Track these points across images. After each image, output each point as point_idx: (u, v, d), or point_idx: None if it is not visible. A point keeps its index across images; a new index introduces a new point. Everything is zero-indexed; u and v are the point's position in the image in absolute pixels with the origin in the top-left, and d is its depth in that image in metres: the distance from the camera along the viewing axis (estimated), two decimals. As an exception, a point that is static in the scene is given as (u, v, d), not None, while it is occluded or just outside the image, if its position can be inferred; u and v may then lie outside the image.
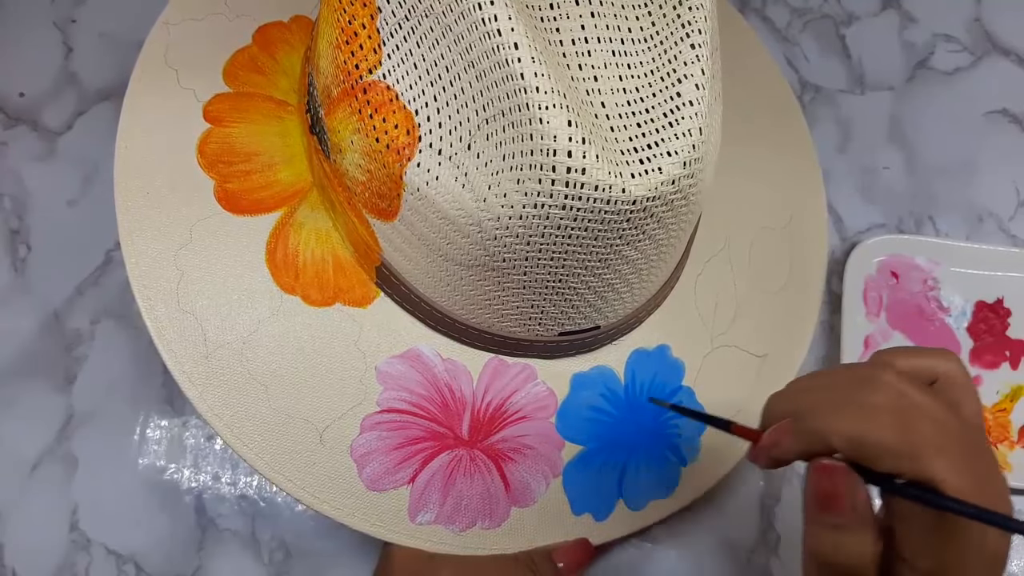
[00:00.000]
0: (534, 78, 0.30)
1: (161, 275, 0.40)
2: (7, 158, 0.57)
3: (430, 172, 0.33)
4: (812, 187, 0.51)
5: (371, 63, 0.34)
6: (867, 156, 0.60)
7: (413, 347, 0.41)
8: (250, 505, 0.51)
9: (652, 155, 0.32)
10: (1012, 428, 0.53)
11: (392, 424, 0.40)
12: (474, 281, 0.37)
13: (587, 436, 0.43)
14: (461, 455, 0.41)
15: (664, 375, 0.45)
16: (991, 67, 0.62)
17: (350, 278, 0.41)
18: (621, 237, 0.34)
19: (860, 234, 0.58)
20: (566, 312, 0.39)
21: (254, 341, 0.40)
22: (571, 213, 0.32)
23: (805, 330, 0.49)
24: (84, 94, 0.58)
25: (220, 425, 0.39)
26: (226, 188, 0.41)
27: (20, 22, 0.60)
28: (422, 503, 0.40)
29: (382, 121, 0.34)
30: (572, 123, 0.30)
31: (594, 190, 0.31)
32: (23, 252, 0.55)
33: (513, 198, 0.32)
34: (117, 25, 0.60)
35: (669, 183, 0.32)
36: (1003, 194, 0.59)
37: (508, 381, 0.42)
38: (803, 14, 0.62)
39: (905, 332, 0.55)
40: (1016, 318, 0.55)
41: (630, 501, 0.44)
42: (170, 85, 0.43)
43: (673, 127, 0.32)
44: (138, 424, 0.52)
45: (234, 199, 0.41)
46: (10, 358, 0.53)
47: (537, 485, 0.42)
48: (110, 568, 0.50)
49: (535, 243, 0.34)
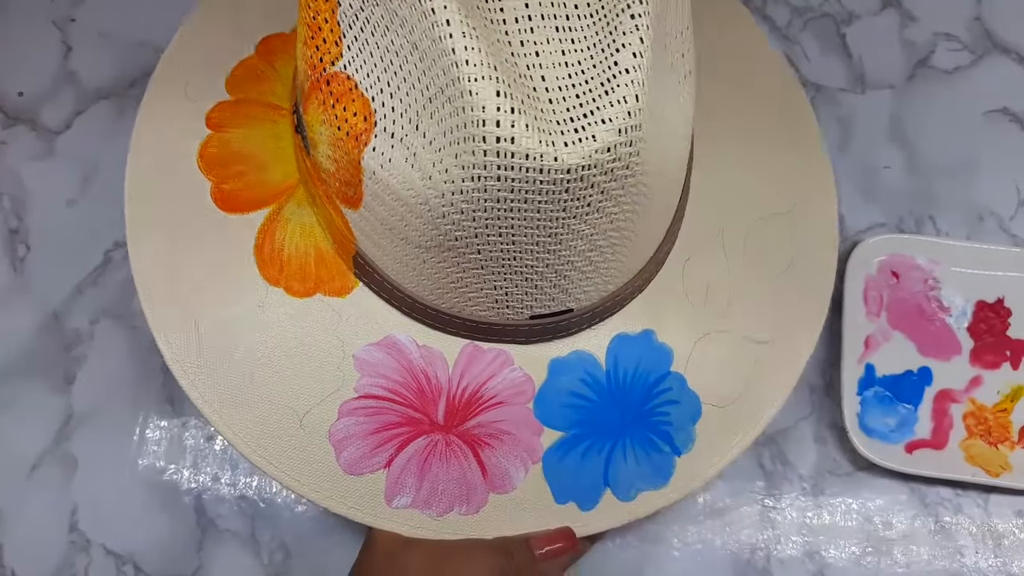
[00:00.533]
0: (464, 52, 0.31)
1: (161, 272, 0.42)
2: (6, 157, 0.57)
3: (384, 155, 0.34)
4: (818, 171, 0.50)
5: (333, 55, 0.35)
6: (867, 155, 0.60)
7: (390, 335, 0.42)
8: (250, 506, 0.51)
9: (587, 124, 0.32)
10: (1012, 428, 0.53)
11: (369, 410, 0.41)
12: (435, 263, 0.38)
13: (568, 422, 0.43)
14: (437, 440, 0.42)
15: (649, 361, 0.44)
16: (991, 66, 0.62)
17: (330, 269, 0.43)
18: (565, 210, 0.34)
19: (860, 233, 0.58)
20: (532, 294, 0.39)
21: (241, 332, 0.41)
22: (508, 184, 0.32)
23: (813, 315, 0.47)
24: (83, 93, 0.58)
25: (209, 411, 0.41)
26: (222, 189, 0.43)
27: (19, 21, 0.60)
28: (398, 487, 0.41)
29: (343, 110, 0.35)
30: (500, 93, 0.31)
31: (525, 159, 0.31)
32: (22, 252, 0.55)
33: (453, 173, 0.33)
34: (116, 24, 0.60)
35: (604, 151, 0.32)
36: (1004, 193, 0.59)
37: (484, 367, 0.43)
38: (803, 13, 0.62)
39: (905, 332, 0.55)
40: (1016, 318, 0.55)
41: (619, 491, 0.43)
42: (179, 95, 0.45)
43: (608, 95, 0.32)
44: (137, 424, 0.52)
45: (228, 198, 0.43)
46: (9, 358, 0.53)
47: (515, 471, 0.42)
48: (110, 568, 0.50)
49: (480, 218, 0.34)
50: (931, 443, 0.53)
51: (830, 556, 0.52)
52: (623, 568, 0.51)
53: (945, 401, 0.54)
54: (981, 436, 0.53)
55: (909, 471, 0.52)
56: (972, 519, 0.52)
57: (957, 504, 0.53)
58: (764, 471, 0.53)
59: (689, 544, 0.52)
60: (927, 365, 0.54)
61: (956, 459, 0.52)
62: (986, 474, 0.52)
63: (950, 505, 0.53)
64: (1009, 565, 0.52)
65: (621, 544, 0.51)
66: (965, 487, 0.53)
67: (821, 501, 0.53)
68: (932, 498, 0.53)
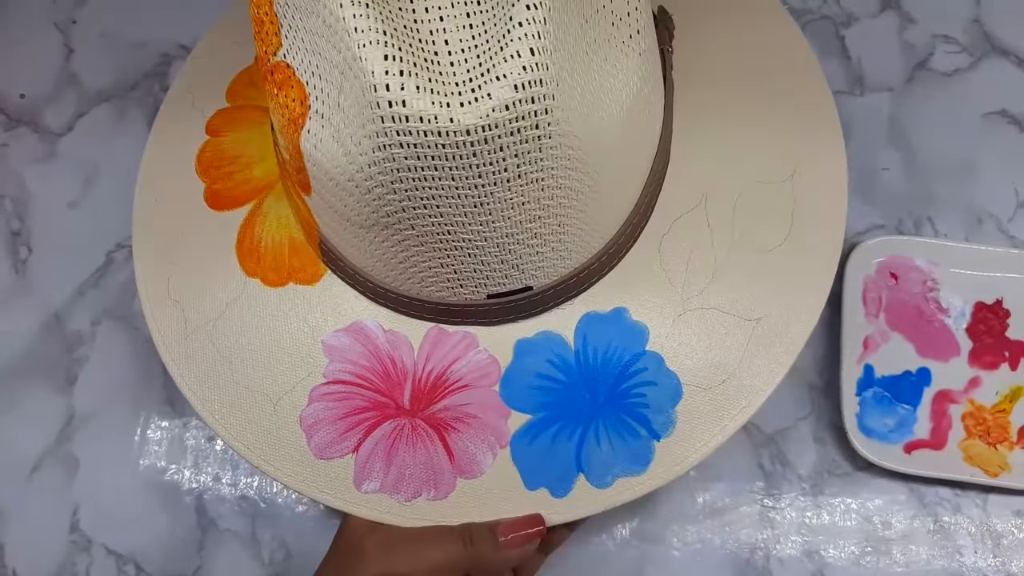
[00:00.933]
0: (352, 19, 0.31)
1: (158, 269, 0.44)
2: (8, 159, 0.57)
3: (316, 136, 0.35)
4: (826, 131, 0.47)
5: (275, 46, 0.36)
6: (866, 157, 0.60)
7: (356, 320, 0.43)
8: (250, 506, 0.51)
9: (483, 83, 0.32)
10: (1011, 428, 0.53)
11: (337, 395, 0.42)
12: (379, 243, 0.38)
13: (535, 405, 0.42)
14: (403, 424, 0.42)
15: (622, 340, 0.43)
16: (990, 68, 0.62)
17: (303, 258, 0.44)
18: (480, 175, 0.33)
19: (859, 235, 0.58)
20: (481, 271, 0.39)
21: (222, 322, 0.43)
22: (412, 152, 0.32)
23: (817, 287, 0.44)
24: (85, 95, 0.59)
25: (194, 399, 0.42)
26: (213, 189, 0.46)
27: (21, 23, 0.60)
28: (367, 472, 0.41)
29: (284, 97, 0.36)
30: (389, 56, 0.31)
31: (420, 122, 0.31)
32: (24, 254, 0.55)
33: (364, 145, 0.33)
34: (118, 27, 0.60)
35: (502, 108, 0.31)
36: (1002, 195, 0.59)
37: (449, 350, 0.42)
38: (802, 15, 0.62)
39: (904, 333, 0.55)
40: (1015, 319, 0.55)
41: (593, 477, 0.42)
42: (186, 106, 0.48)
43: (503, 50, 0.32)
44: (139, 425, 0.52)
45: (217, 197, 0.45)
46: (11, 359, 0.53)
47: (483, 456, 0.42)
48: (110, 568, 0.50)
49: (400, 190, 0.34)
50: (930, 443, 0.53)
51: (829, 556, 0.52)
52: (623, 568, 0.51)
53: (944, 402, 0.54)
54: (980, 436, 0.53)
55: (908, 471, 0.52)
56: (971, 519, 0.53)
57: (956, 504, 0.53)
58: (763, 471, 0.53)
59: (689, 544, 0.52)
60: (926, 366, 0.54)
61: (955, 459, 0.52)
62: (985, 474, 0.52)
63: (949, 505, 0.53)
64: (1008, 565, 0.52)
65: (621, 544, 0.51)
66: (964, 487, 0.53)
67: (820, 501, 0.53)
68: (931, 498, 0.53)
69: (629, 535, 0.52)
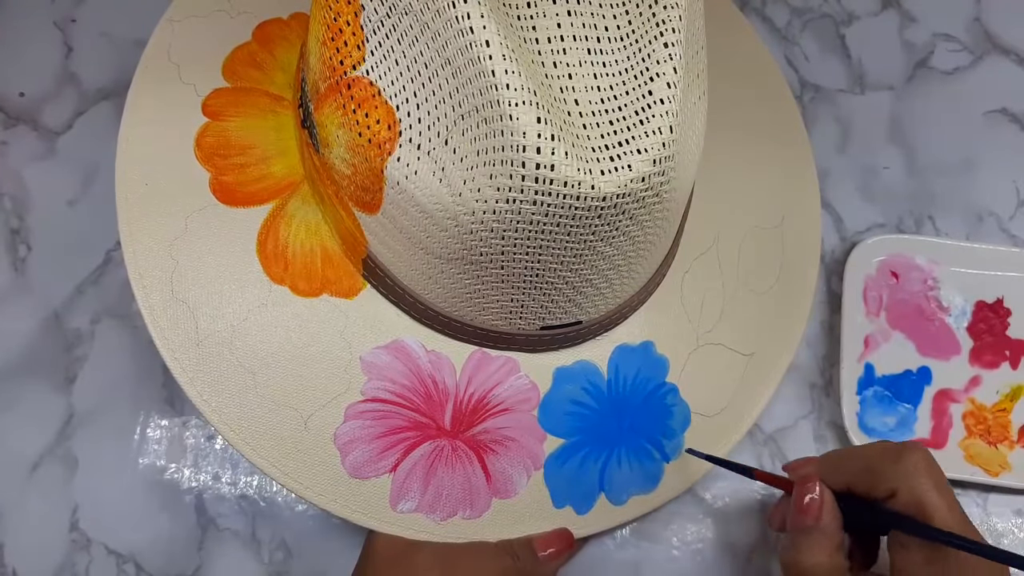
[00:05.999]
0: (505, 75, 0.30)
1: (157, 264, 0.41)
2: (7, 158, 0.57)
3: (409, 167, 0.34)
4: (806, 186, 0.51)
5: (355, 59, 0.35)
6: (867, 156, 0.60)
7: (398, 338, 0.42)
8: (250, 505, 0.51)
9: (622, 152, 0.32)
10: (1012, 428, 0.53)
11: (375, 413, 0.41)
12: (454, 274, 0.38)
13: (569, 430, 0.43)
14: (443, 445, 0.42)
15: (648, 371, 0.45)
16: (991, 67, 0.62)
17: (338, 270, 0.42)
18: (595, 234, 0.34)
19: (860, 234, 0.58)
20: (546, 307, 0.40)
21: (243, 329, 0.41)
22: (543, 209, 0.32)
23: (793, 332, 0.49)
24: (84, 94, 0.58)
25: (208, 411, 0.40)
26: (221, 180, 0.42)
27: (20, 22, 0.60)
28: (404, 492, 0.41)
29: (365, 116, 0.35)
30: (541, 120, 0.31)
31: (563, 186, 0.31)
32: (23, 252, 0.55)
33: (487, 193, 0.32)
34: (117, 25, 0.60)
35: (639, 180, 0.32)
36: (1003, 194, 0.59)
37: (491, 374, 0.43)
38: (803, 14, 0.62)
39: (905, 332, 0.55)
40: (1016, 318, 0.55)
41: (611, 495, 0.44)
42: (172, 80, 0.44)
43: (644, 125, 0.32)
44: (138, 424, 0.52)
45: (229, 191, 0.42)
46: (10, 358, 0.53)
47: (519, 477, 0.43)
48: (110, 568, 0.50)
49: (510, 238, 0.34)
50: (930, 442, 0.53)
51: (830, 555, 0.52)
52: (623, 567, 0.51)
53: (944, 401, 0.54)
54: (980, 436, 0.53)
55: (909, 470, 0.52)
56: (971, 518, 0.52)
57: (956, 503, 0.53)
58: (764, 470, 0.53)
59: (689, 543, 0.52)
60: (926, 365, 0.54)
61: (955, 458, 0.52)
62: (985, 473, 0.52)
63: (949, 504, 0.53)
64: (1008, 564, 0.52)
65: (621, 543, 0.51)
66: (964, 486, 0.53)
67: (821, 500, 0.53)
68: (932, 497, 0.53)
69: (629, 535, 0.51)
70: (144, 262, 0.41)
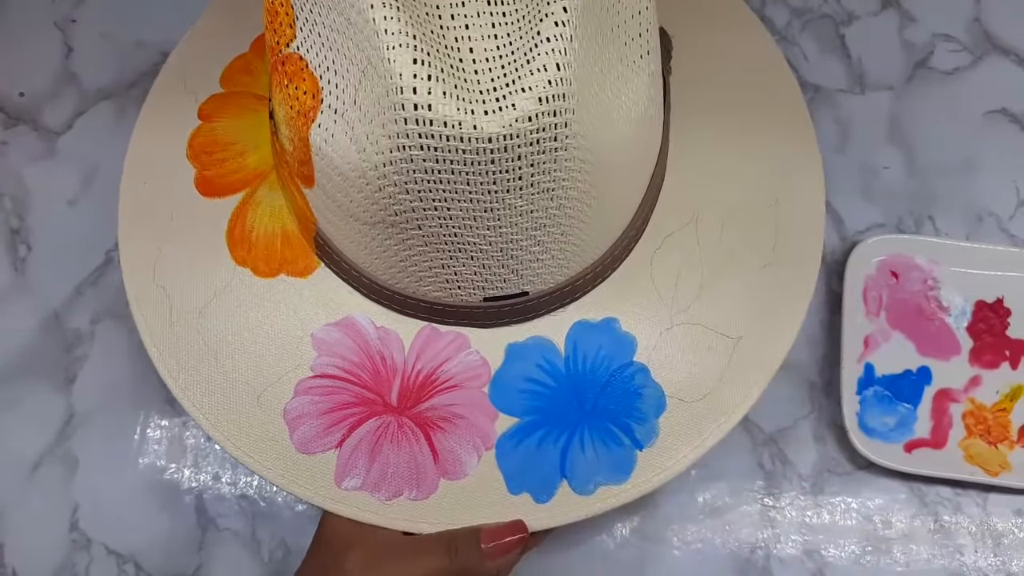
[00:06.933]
0: (383, 21, 0.31)
1: (144, 252, 0.44)
2: (7, 158, 0.57)
3: (328, 131, 0.35)
4: (807, 168, 0.49)
5: (288, 37, 0.36)
6: (867, 156, 0.60)
7: (348, 315, 0.43)
8: (250, 505, 0.51)
9: (507, 93, 0.32)
10: (1012, 428, 0.53)
11: (324, 389, 0.42)
12: (382, 240, 0.38)
13: (523, 408, 0.42)
14: (389, 421, 0.42)
15: (611, 349, 0.43)
16: (991, 67, 0.62)
17: (295, 250, 0.43)
18: (495, 182, 0.34)
19: (860, 234, 0.58)
20: (481, 274, 0.39)
21: (209, 311, 0.43)
22: (432, 154, 0.33)
23: (791, 314, 0.45)
24: (84, 94, 0.59)
25: (174, 386, 0.42)
26: (204, 175, 0.45)
27: (20, 22, 0.60)
28: (348, 468, 0.41)
29: (295, 89, 0.36)
30: (417, 60, 0.31)
31: (444, 127, 0.32)
32: (23, 252, 0.55)
33: (382, 144, 0.33)
34: (117, 25, 0.60)
35: (525, 119, 0.32)
36: (1003, 194, 0.59)
37: (440, 349, 0.42)
38: (802, 14, 0.62)
39: (905, 332, 0.55)
40: (1016, 318, 0.55)
41: (576, 483, 0.42)
42: (179, 90, 0.47)
43: (529, 64, 0.32)
44: (138, 424, 0.52)
45: (208, 184, 0.45)
46: (10, 358, 0.53)
47: (468, 456, 0.42)
48: (110, 568, 0.50)
49: (413, 191, 0.34)
50: (930, 442, 0.53)
51: (830, 555, 0.52)
52: (623, 567, 0.51)
53: (944, 400, 0.54)
54: (980, 435, 0.53)
55: (908, 470, 0.52)
56: (971, 518, 0.53)
57: (956, 503, 0.53)
58: (764, 470, 0.53)
59: (689, 543, 0.52)
60: (926, 365, 0.54)
61: (955, 458, 0.52)
62: (985, 473, 0.52)
63: (949, 504, 0.53)
64: (1008, 564, 0.52)
65: (621, 543, 0.51)
66: (964, 486, 0.53)
67: (821, 500, 0.53)
68: (931, 497, 0.53)
69: (629, 534, 0.52)
70: (133, 251, 0.44)
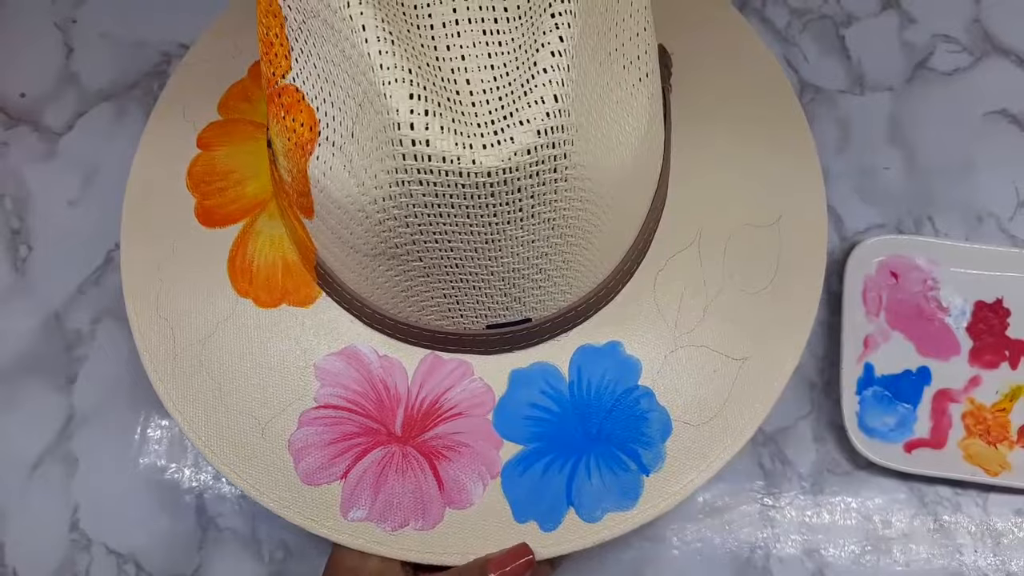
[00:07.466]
0: (378, 56, 0.31)
1: (146, 284, 0.44)
2: (8, 158, 0.57)
3: (326, 163, 0.35)
4: (809, 184, 0.49)
5: (284, 68, 0.36)
6: (866, 156, 0.60)
7: (351, 344, 0.42)
8: (250, 505, 0.51)
9: (506, 126, 0.32)
10: (1012, 428, 0.53)
11: (328, 420, 0.41)
12: (383, 271, 0.38)
13: (528, 435, 0.42)
14: (393, 451, 0.41)
15: (616, 373, 0.43)
16: (991, 67, 0.62)
17: (296, 280, 0.43)
18: (496, 215, 0.34)
19: (859, 234, 0.58)
20: (483, 303, 0.39)
21: (211, 342, 0.43)
22: (431, 189, 0.32)
23: (796, 334, 0.45)
24: (85, 94, 0.59)
25: (180, 418, 0.42)
26: (204, 205, 0.45)
27: (21, 22, 0.60)
28: (354, 499, 0.41)
29: (292, 121, 0.36)
30: (414, 96, 0.31)
31: (442, 162, 0.31)
32: (24, 252, 0.55)
33: (381, 178, 0.33)
34: (117, 25, 0.60)
35: (524, 152, 0.32)
36: (1002, 194, 0.59)
37: (443, 377, 0.42)
38: (802, 15, 0.62)
39: (904, 332, 0.55)
40: (1015, 318, 0.55)
41: (583, 511, 0.42)
42: (178, 118, 0.47)
43: (527, 96, 0.32)
44: (139, 424, 0.52)
45: (208, 214, 0.45)
46: (11, 358, 0.53)
47: (473, 485, 0.41)
48: (110, 567, 0.50)
49: (414, 224, 0.34)
50: (930, 442, 0.53)
51: (829, 555, 0.52)
52: (623, 567, 0.51)
53: (944, 400, 0.54)
54: (980, 435, 0.53)
55: (908, 470, 0.52)
56: (971, 518, 0.53)
57: (956, 503, 0.53)
58: (763, 470, 0.53)
59: (688, 543, 0.52)
60: (926, 365, 0.54)
61: (955, 458, 0.52)
62: (985, 473, 0.52)
63: (949, 504, 0.53)
64: (1008, 564, 0.52)
65: (621, 543, 0.51)
66: (964, 486, 0.53)
67: (820, 500, 0.53)
68: (931, 497, 0.53)
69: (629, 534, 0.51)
70: (136, 283, 0.44)
